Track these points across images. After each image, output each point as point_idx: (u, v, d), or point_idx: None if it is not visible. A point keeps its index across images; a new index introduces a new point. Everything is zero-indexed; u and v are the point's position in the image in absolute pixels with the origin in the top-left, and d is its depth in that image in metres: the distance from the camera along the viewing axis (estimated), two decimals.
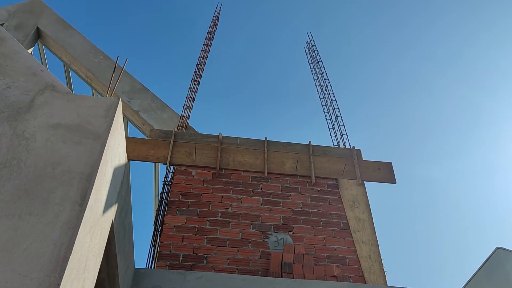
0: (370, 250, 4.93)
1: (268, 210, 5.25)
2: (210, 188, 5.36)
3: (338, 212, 5.32)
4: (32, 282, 1.74)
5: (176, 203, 5.13)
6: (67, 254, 1.86)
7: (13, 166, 2.12)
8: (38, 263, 1.80)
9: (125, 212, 3.09)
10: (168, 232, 4.84)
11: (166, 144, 5.64)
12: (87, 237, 2.12)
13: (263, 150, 5.83)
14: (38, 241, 1.87)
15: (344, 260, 4.85)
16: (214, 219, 5.04)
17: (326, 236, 5.06)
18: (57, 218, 1.96)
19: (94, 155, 2.26)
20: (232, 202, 5.26)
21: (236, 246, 4.85)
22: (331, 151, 6.01)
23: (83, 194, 2.09)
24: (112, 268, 3.04)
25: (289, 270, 4.48)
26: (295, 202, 5.38)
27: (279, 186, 5.52)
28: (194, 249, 4.75)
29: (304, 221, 5.18)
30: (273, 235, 4.99)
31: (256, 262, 4.74)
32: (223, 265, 4.64)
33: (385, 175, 5.74)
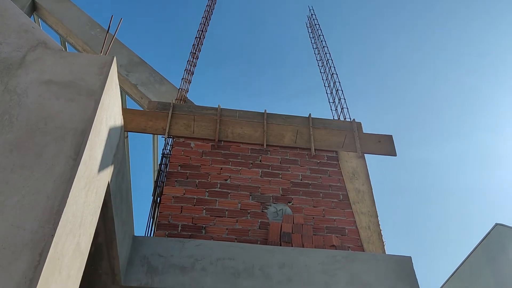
0: (370, 221, 4.92)
1: (267, 181, 5.22)
2: (209, 160, 5.32)
3: (338, 184, 5.30)
4: (26, 232, 1.71)
5: (175, 175, 5.10)
6: (61, 207, 1.82)
7: (5, 121, 2.07)
8: (32, 215, 1.77)
9: (121, 176, 3.05)
10: (167, 203, 4.82)
11: (164, 116, 5.58)
12: (82, 193, 2.08)
13: (262, 122, 5.77)
14: (31, 194, 1.83)
15: (343, 230, 4.84)
16: (213, 190, 5.02)
17: (325, 208, 5.04)
18: (50, 172, 1.92)
19: (87, 112, 2.21)
20: (231, 173, 5.23)
21: (235, 216, 4.83)
22: (331, 123, 5.95)
23: (76, 149, 2.05)
24: (110, 232, 3.02)
25: (288, 240, 4.48)
26: (295, 174, 5.34)
27: (279, 158, 5.48)
28: (193, 219, 4.74)
29: (304, 193, 5.15)
30: (272, 206, 4.97)
31: (255, 232, 4.73)
32: (222, 235, 4.63)
33: (386, 148, 5.70)
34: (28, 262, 1.62)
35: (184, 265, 3.80)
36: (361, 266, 3.93)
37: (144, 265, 3.77)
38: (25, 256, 1.64)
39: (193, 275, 3.75)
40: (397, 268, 3.95)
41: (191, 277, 3.73)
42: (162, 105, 5.71)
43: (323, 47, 8.10)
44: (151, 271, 3.73)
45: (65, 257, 1.89)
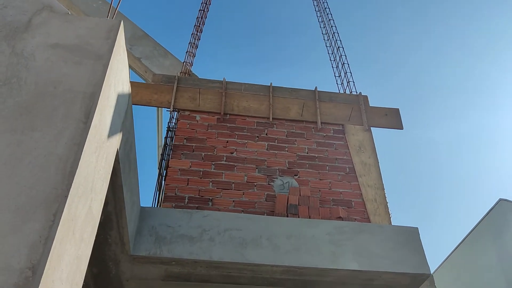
0: (376, 193, 4.92)
1: (273, 154, 5.20)
2: (215, 133, 5.30)
3: (344, 157, 5.28)
4: (39, 193, 1.70)
5: (181, 147, 5.08)
6: (73, 169, 1.81)
7: (13, 84, 2.03)
8: (44, 176, 1.76)
9: (129, 145, 3.03)
10: (173, 175, 4.82)
11: (169, 89, 5.53)
12: (92, 157, 2.06)
13: (268, 95, 5.71)
14: (43, 156, 1.82)
15: (349, 203, 4.85)
16: (219, 163, 5.01)
17: (331, 180, 5.04)
18: (61, 134, 1.90)
19: (96, 75, 2.17)
20: (237, 146, 5.21)
21: (241, 189, 4.84)
22: (337, 97, 5.90)
23: (86, 112, 2.02)
24: (119, 200, 3.02)
25: (295, 212, 4.49)
26: (301, 147, 5.32)
27: (285, 132, 5.45)
28: (200, 192, 4.74)
29: (310, 166, 5.14)
30: (278, 179, 4.97)
31: (262, 204, 4.74)
32: (228, 207, 4.65)
33: (392, 121, 5.66)
34: (42, 222, 1.62)
35: (192, 235, 3.81)
36: (368, 237, 3.94)
37: (153, 235, 3.79)
38: (39, 216, 1.63)
39: (201, 245, 3.76)
40: (404, 239, 3.96)
41: (199, 247, 3.75)
42: (167, 78, 5.65)
43: (328, 20, 7.96)
44: (160, 241, 3.75)
45: (78, 220, 1.89)
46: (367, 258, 3.78)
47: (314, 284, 3.93)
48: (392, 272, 3.73)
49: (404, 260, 3.80)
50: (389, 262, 3.77)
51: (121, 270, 3.82)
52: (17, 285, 1.46)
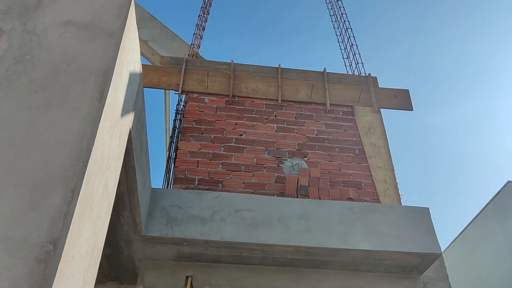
0: (386, 175, 4.91)
1: (282, 136, 5.19)
2: (224, 115, 5.29)
3: (354, 139, 5.26)
4: (56, 170, 1.70)
5: (190, 130, 5.08)
6: (89, 146, 1.81)
7: (26, 61, 2.02)
8: (61, 153, 1.76)
9: (141, 126, 3.03)
10: (183, 157, 4.83)
11: (177, 71, 5.50)
12: (107, 135, 2.06)
13: (276, 77, 5.68)
14: (59, 133, 1.81)
15: (359, 184, 4.84)
16: (228, 145, 5.01)
17: (341, 162, 5.03)
18: (76, 111, 1.89)
19: (109, 53, 2.15)
20: (246, 129, 5.20)
21: (251, 171, 4.84)
22: (346, 78, 5.84)
23: (100, 90, 2.01)
24: (131, 181, 3.03)
25: (305, 193, 4.49)
26: (310, 129, 5.30)
27: (294, 114, 5.43)
28: (209, 174, 4.75)
29: (319, 147, 5.13)
30: (288, 161, 4.97)
31: (272, 186, 4.75)
32: (238, 189, 4.66)
33: (402, 102, 5.61)
34: (61, 197, 1.62)
35: (203, 216, 3.83)
36: (379, 217, 3.94)
37: (164, 216, 3.81)
38: (58, 192, 1.64)
39: (213, 225, 3.78)
40: (415, 219, 3.96)
41: (210, 227, 3.77)
42: (175, 61, 5.62)
43: (336, 1, 7.85)
44: (171, 222, 3.77)
45: (95, 197, 1.89)
46: (378, 238, 3.79)
47: (325, 264, 3.94)
48: (403, 252, 3.74)
49: (415, 240, 3.81)
50: (399, 242, 3.78)
51: (133, 251, 3.85)
52: (38, 259, 1.47)
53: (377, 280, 3.97)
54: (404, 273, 4.01)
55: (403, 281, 4.00)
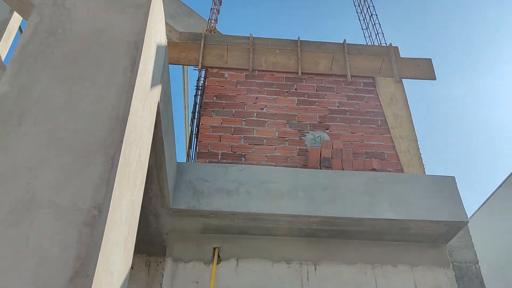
0: (409, 145, 4.87)
1: (303, 109, 5.17)
2: (244, 89, 5.28)
3: (376, 110, 5.21)
4: (96, 139, 1.74)
5: (211, 105, 5.09)
6: (125, 115, 1.83)
7: (59, 34, 2.04)
8: (99, 123, 1.79)
9: (168, 99, 3.05)
10: (205, 132, 4.86)
11: (196, 47, 5.49)
12: (139, 106, 2.08)
13: (296, 50, 5.62)
14: (95, 103, 1.84)
15: (382, 155, 4.82)
16: (249, 119, 5.02)
17: (363, 133, 5.00)
18: (110, 82, 1.92)
19: (138, 24, 2.16)
20: (266, 102, 5.19)
21: (273, 144, 4.86)
22: (367, 49, 5.75)
23: (132, 61, 2.02)
24: (159, 154, 3.07)
25: (328, 165, 4.50)
26: (331, 101, 5.27)
27: (314, 86, 5.39)
28: (232, 148, 4.78)
29: (341, 119, 5.10)
30: (310, 133, 4.96)
31: (294, 159, 4.76)
32: (261, 162, 4.69)
33: (424, 72, 5.51)
34: (102, 165, 1.66)
35: (229, 189, 3.87)
36: (404, 187, 3.93)
37: (190, 189, 3.87)
38: (99, 160, 1.67)
39: (238, 198, 3.83)
40: (441, 187, 3.94)
41: (236, 199, 3.82)
42: (194, 36, 5.60)
43: None
44: (198, 195, 3.83)
45: (131, 166, 1.93)
46: (403, 207, 3.79)
47: (350, 234, 3.98)
48: (429, 221, 3.74)
49: (441, 209, 3.80)
50: (426, 211, 3.77)
51: (161, 224, 3.93)
52: (86, 223, 1.52)
53: (402, 249, 3.99)
54: (430, 242, 4.02)
55: (428, 250, 4.01)
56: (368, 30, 6.69)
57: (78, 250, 1.46)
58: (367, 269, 3.88)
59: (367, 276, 3.85)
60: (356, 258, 3.94)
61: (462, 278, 4.18)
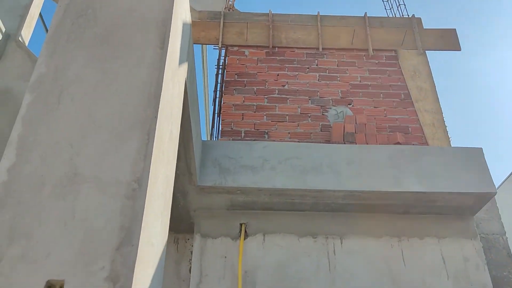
0: (434, 118, 4.81)
1: (325, 85, 5.14)
2: (265, 67, 5.27)
3: (398, 83, 5.14)
4: (131, 115, 1.79)
5: (232, 83, 5.11)
6: (157, 92, 1.87)
7: (89, 15, 2.08)
8: (133, 100, 1.83)
9: (193, 77, 3.08)
10: (228, 111, 4.90)
11: (216, 25, 5.47)
12: (170, 83, 2.12)
13: (316, 25, 5.55)
14: (128, 81, 1.89)
15: (406, 129, 4.78)
16: (271, 96, 5.02)
17: (386, 107, 4.96)
18: (141, 60, 1.95)
19: (165, 2, 2.18)
20: (288, 79, 5.17)
21: (295, 121, 4.86)
22: (389, 21, 5.64)
23: (161, 38, 2.05)
24: (186, 131, 3.12)
25: (352, 140, 4.49)
26: (353, 76, 5.22)
27: (335, 61, 5.33)
28: (255, 125, 4.81)
29: (363, 94, 5.06)
30: (332, 109, 4.94)
31: (317, 134, 4.77)
32: (284, 139, 4.71)
33: (449, 43, 5.39)
34: (139, 140, 1.71)
35: (254, 165, 3.92)
36: (430, 159, 3.91)
37: (216, 166, 3.93)
38: (135, 136, 1.72)
39: (264, 174, 3.87)
40: (468, 159, 3.90)
41: (261, 176, 3.86)
42: (213, 15, 5.58)
43: None
44: (223, 172, 3.89)
45: (165, 141, 1.98)
46: (430, 179, 3.78)
47: (376, 208, 3.99)
48: (456, 193, 3.72)
49: (469, 180, 3.77)
50: (452, 183, 3.75)
51: (188, 201, 4.01)
52: (127, 196, 1.58)
53: (429, 222, 3.99)
54: (457, 214, 4.00)
55: (455, 222, 4.00)
56: (389, 1, 6.55)
57: (121, 221, 1.53)
58: (394, 242, 3.91)
59: (393, 249, 3.87)
60: (382, 231, 3.96)
61: (489, 249, 4.17)
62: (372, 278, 3.72)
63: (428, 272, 3.76)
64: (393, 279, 3.73)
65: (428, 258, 3.81)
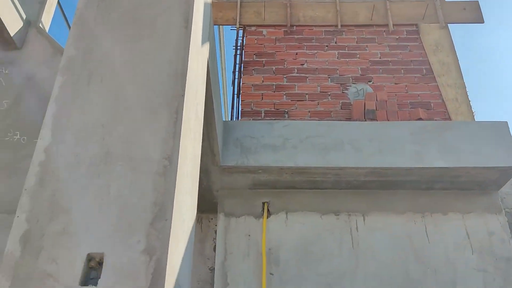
0: (457, 93, 4.73)
1: (344, 62, 5.09)
2: (283, 46, 5.23)
3: (420, 59, 5.05)
4: (159, 94, 1.82)
5: (251, 63, 5.10)
6: (184, 71, 1.90)
7: None
8: (160, 79, 1.86)
9: (213, 56, 3.09)
10: (247, 91, 4.91)
11: (233, 6, 5.44)
12: (194, 62, 2.14)
13: (334, 2, 5.47)
14: (155, 61, 1.91)
15: (428, 104, 4.72)
16: (290, 76, 5.00)
17: (408, 83, 4.89)
18: (167, 40, 1.97)
19: None
20: (306, 58, 5.14)
21: (315, 99, 4.84)
22: None
23: (185, 18, 2.06)
24: (209, 111, 3.15)
25: (373, 117, 4.46)
26: (373, 52, 5.15)
27: (354, 38, 5.26)
28: (275, 105, 4.81)
29: (384, 71, 5.00)
30: (352, 87, 4.90)
31: (337, 113, 4.75)
32: (304, 118, 4.70)
33: (472, 15, 5.25)
34: (168, 118, 1.75)
35: (275, 144, 3.94)
36: (453, 134, 3.86)
37: (238, 146, 3.96)
38: (164, 114, 1.76)
39: (285, 152, 3.89)
40: (493, 134, 3.85)
41: (283, 154, 3.89)
42: None
43: None
44: (245, 152, 3.92)
45: (191, 120, 2.01)
46: (453, 155, 3.74)
47: (398, 185, 3.99)
48: (481, 167, 3.68)
49: (493, 155, 3.72)
50: (477, 158, 3.71)
51: (211, 181, 4.07)
52: (158, 173, 1.63)
53: (452, 198, 3.97)
54: (481, 189, 3.97)
55: (479, 197, 3.97)
56: None
57: (154, 197, 1.57)
58: (417, 218, 3.91)
59: (417, 225, 3.88)
60: (405, 207, 3.96)
61: None
62: (395, 254, 3.75)
63: (452, 247, 3.76)
64: (416, 255, 3.75)
65: (452, 234, 3.81)
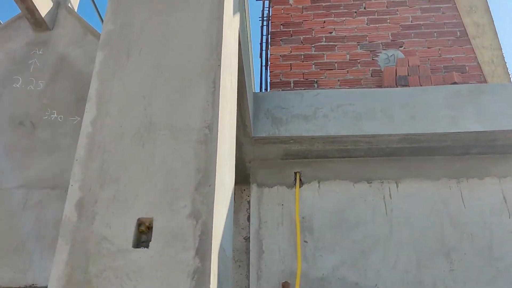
0: (493, 55, 4.58)
1: (374, 28, 4.98)
2: (310, 14, 5.15)
3: (453, 21, 4.88)
4: (195, 65, 1.85)
5: (278, 34, 5.06)
6: (219, 42, 1.92)
7: None
8: (196, 50, 1.90)
9: (244, 27, 3.10)
10: (275, 62, 4.89)
11: None
12: (227, 32, 2.15)
13: None
14: (190, 32, 1.95)
15: (463, 68, 4.59)
16: (319, 45, 4.94)
17: (441, 47, 4.75)
18: (200, 10, 1.99)
19: None
20: (335, 25, 5.05)
21: (345, 68, 4.79)
22: None
23: None
24: (240, 83, 3.17)
25: (405, 83, 4.38)
26: (404, 16, 5.00)
27: (384, 2, 5.12)
28: (304, 75, 4.79)
29: (415, 35, 4.86)
30: (382, 53, 4.81)
31: (368, 80, 4.68)
32: (334, 87, 4.67)
33: None
34: (206, 88, 1.79)
35: (306, 114, 3.94)
36: (489, 97, 3.76)
37: (269, 117, 3.99)
38: (202, 84, 1.80)
39: (316, 122, 3.90)
40: None
41: (314, 124, 3.89)
42: None
43: None
44: (276, 122, 3.95)
45: (227, 90, 2.05)
46: (490, 118, 3.66)
47: (432, 151, 3.94)
48: None
49: None
50: None
51: (244, 152, 4.13)
52: (199, 141, 1.68)
53: (489, 162, 3.91)
54: None
55: None
56: None
57: (197, 164, 1.64)
58: (452, 184, 3.87)
59: (452, 191, 3.85)
60: (440, 173, 3.92)
61: None
62: (430, 220, 3.74)
63: (488, 212, 3.72)
64: (451, 220, 3.73)
65: (489, 198, 3.76)
